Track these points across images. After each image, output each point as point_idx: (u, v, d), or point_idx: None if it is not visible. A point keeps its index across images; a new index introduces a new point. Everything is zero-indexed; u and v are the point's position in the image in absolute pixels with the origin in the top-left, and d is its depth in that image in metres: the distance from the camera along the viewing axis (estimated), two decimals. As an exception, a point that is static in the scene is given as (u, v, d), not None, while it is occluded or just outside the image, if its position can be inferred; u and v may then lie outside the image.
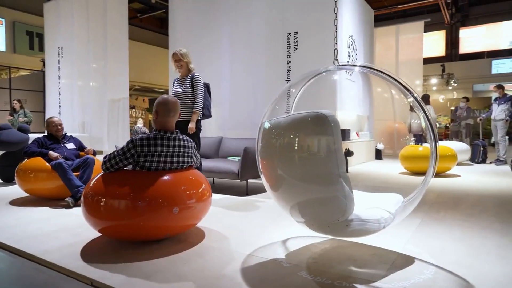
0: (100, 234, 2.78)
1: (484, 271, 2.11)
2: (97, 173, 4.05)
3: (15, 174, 4.09)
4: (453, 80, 15.91)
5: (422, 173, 6.27)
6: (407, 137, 8.30)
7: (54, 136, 4.33)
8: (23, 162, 4.11)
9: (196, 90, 3.95)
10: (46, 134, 4.38)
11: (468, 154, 7.70)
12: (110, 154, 2.61)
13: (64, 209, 3.71)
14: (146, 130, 10.30)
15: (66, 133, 4.48)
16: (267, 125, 2.20)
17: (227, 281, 2.00)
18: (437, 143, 2.19)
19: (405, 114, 10.09)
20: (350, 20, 7.30)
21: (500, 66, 16.88)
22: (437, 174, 6.29)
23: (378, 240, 2.59)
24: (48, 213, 3.55)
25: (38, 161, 3.99)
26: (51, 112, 9.07)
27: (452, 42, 18.05)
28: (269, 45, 6.11)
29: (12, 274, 2.21)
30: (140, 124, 10.34)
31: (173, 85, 4.25)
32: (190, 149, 2.81)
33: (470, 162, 8.09)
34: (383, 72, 2.32)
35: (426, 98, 9.31)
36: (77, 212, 3.57)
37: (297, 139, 1.98)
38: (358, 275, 2.07)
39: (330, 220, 2.04)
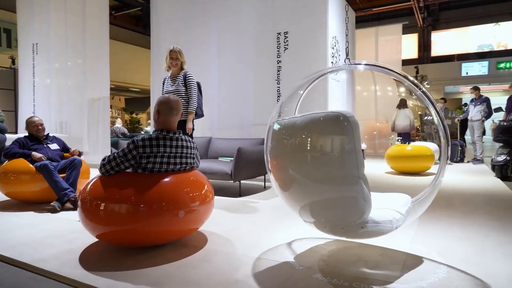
0: (95, 240, 2.64)
1: (494, 269, 2.13)
2: (83, 175, 3.93)
3: (-5, 177, 3.84)
4: (426, 82, 16.37)
5: (410, 172, 6.42)
6: (392, 136, 8.43)
7: (36, 136, 4.10)
8: (4, 163, 3.86)
9: (190, 89, 3.85)
10: (27, 134, 4.15)
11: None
12: (109, 156, 2.47)
13: (50, 213, 3.51)
14: (125, 131, 10.00)
15: (48, 133, 4.26)
16: (277, 126, 2.14)
17: (242, 286, 1.92)
18: (448, 142, 2.20)
19: (388, 113, 10.24)
20: (334, 21, 7.33)
21: (469, 69, 17.60)
22: (420, 173, 6.42)
23: (383, 240, 2.57)
24: (34, 218, 3.35)
25: (21, 163, 3.76)
26: (24, 111, 8.62)
27: (425, 45, 18.60)
28: (259, 44, 6.01)
29: (6, 284, 2.05)
30: (118, 124, 10.02)
31: (163, 83, 4.12)
32: (192, 150, 2.71)
33: (448, 162, 8.30)
34: (392, 70, 2.31)
35: (403, 102, 9.54)
36: (65, 217, 3.40)
37: (315, 139, 1.92)
38: (373, 276, 2.04)
39: (347, 222, 2.01)
